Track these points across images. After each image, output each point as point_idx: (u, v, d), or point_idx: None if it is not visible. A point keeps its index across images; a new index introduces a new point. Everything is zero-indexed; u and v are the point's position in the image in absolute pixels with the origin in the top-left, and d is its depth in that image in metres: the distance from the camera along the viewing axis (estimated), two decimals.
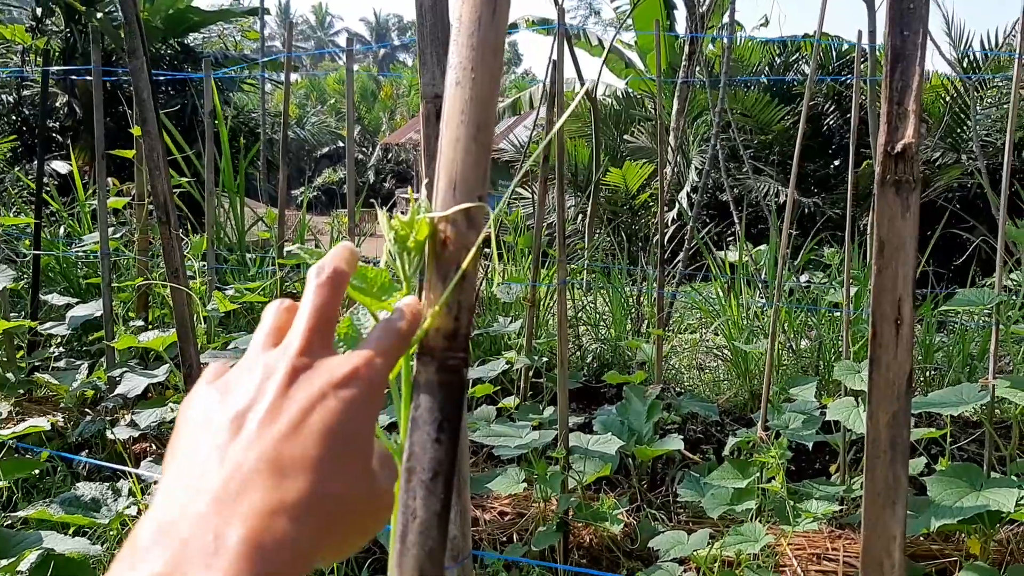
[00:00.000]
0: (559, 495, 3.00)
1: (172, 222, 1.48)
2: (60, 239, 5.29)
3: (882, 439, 1.08)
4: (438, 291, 0.60)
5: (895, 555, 1.10)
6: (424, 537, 0.60)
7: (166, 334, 2.21)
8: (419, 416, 0.60)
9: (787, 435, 2.87)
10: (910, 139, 1.02)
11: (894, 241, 1.04)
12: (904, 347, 1.06)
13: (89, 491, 1.76)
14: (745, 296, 5.15)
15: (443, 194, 0.60)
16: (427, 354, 0.60)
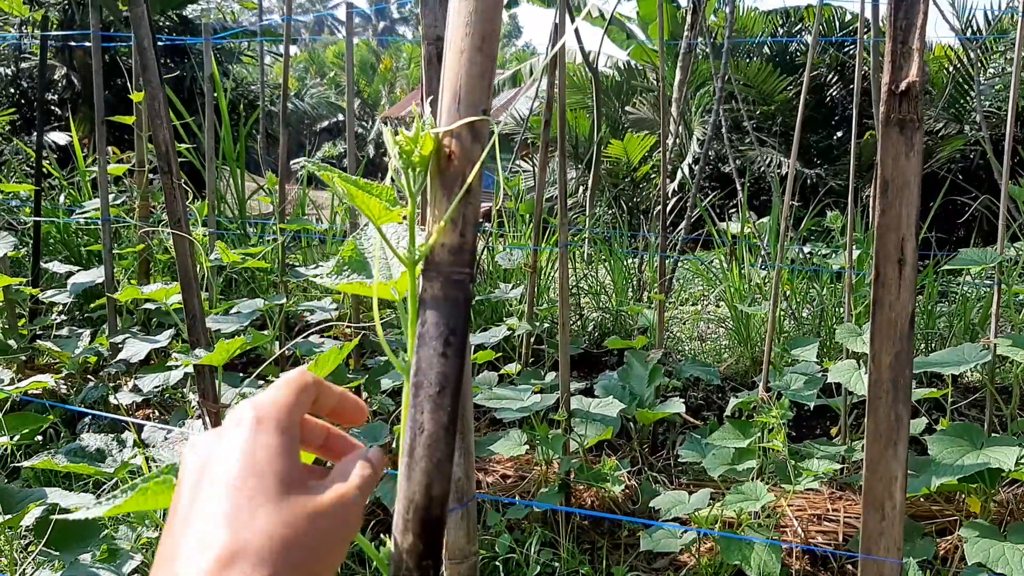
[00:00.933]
0: (561, 457, 3.02)
1: (174, 172, 1.48)
2: (60, 207, 5.28)
3: (884, 380, 1.09)
4: (443, 206, 0.60)
5: (896, 496, 1.10)
6: (432, 450, 0.60)
7: (169, 286, 2.21)
8: (425, 332, 0.60)
9: (788, 396, 2.88)
10: (914, 78, 1.01)
11: (898, 180, 1.04)
12: (907, 287, 1.06)
13: (94, 442, 1.77)
14: (747, 264, 5.15)
15: (447, 108, 0.60)
16: (432, 269, 0.60)
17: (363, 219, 0.72)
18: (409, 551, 0.60)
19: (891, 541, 1.12)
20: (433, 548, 0.60)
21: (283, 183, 3.49)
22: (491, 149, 0.60)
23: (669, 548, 2.70)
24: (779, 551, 2.51)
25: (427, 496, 0.60)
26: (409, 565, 0.60)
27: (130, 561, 1.64)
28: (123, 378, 3.71)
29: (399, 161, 0.59)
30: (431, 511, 0.60)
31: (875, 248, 1.07)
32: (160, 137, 1.46)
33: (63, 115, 10.33)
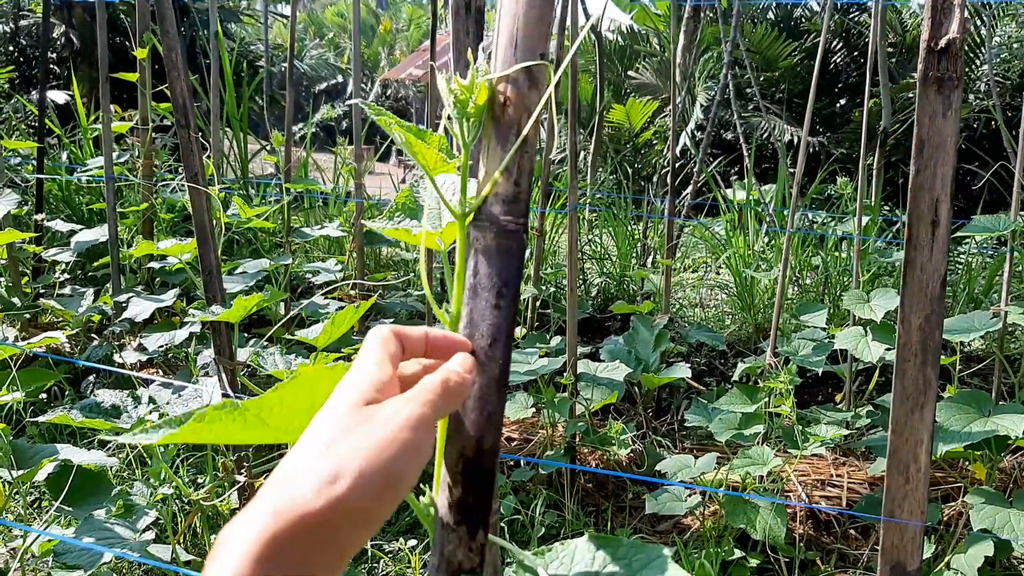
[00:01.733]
0: (567, 420, 3.02)
1: (191, 125, 1.46)
2: (62, 165, 5.24)
3: (913, 342, 1.08)
4: (497, 155, 0.58)
5: (922, 459, 1.10)
6: (483, 403, 0.59)
7: (184, 242, 2.19)
8: (478, 283, 0.59)
9: (797, 361, 2.88)
10: (955, 34, 0.99)
11: (934, 140, 1.03)
12: (940, 249, 1.05)
13: (109, 398, 1.76)
14: (752, 230, 5.13)
15: (503, 52, 0.58)
16: (486, 220, 0.59)
17: (370, 180, 0.70)
18: (457, 503, 0.60)
19: (915, 504, 1.12)
20: (483, 502, 0.60)
21: (289, 143, 3.46)
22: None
23: (674, 511, 2.71)
24: (784, 514, 2.52)
25: (478, 448, 0.59)
26: (457, 518, 0.60)
27: (145, 517, 1.64)
28: (127, 337, 3.70)
29: (454, 110, 0.58)
30: (483, 464, 0.59)
31: (908, 209, 1.06)
32: (177, 90, 1.44)
33: (61, 73, 10.22)
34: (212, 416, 0.62)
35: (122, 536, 1.57)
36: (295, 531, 0.52)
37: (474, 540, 0.60)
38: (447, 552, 0.60)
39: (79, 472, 1.75)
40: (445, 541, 0.60)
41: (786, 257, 3.03)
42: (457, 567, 0.60)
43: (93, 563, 1.49)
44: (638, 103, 10.78)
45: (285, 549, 0.52)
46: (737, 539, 2.72)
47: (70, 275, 4.47)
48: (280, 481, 0.55)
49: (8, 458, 1.71)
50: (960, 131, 4.14)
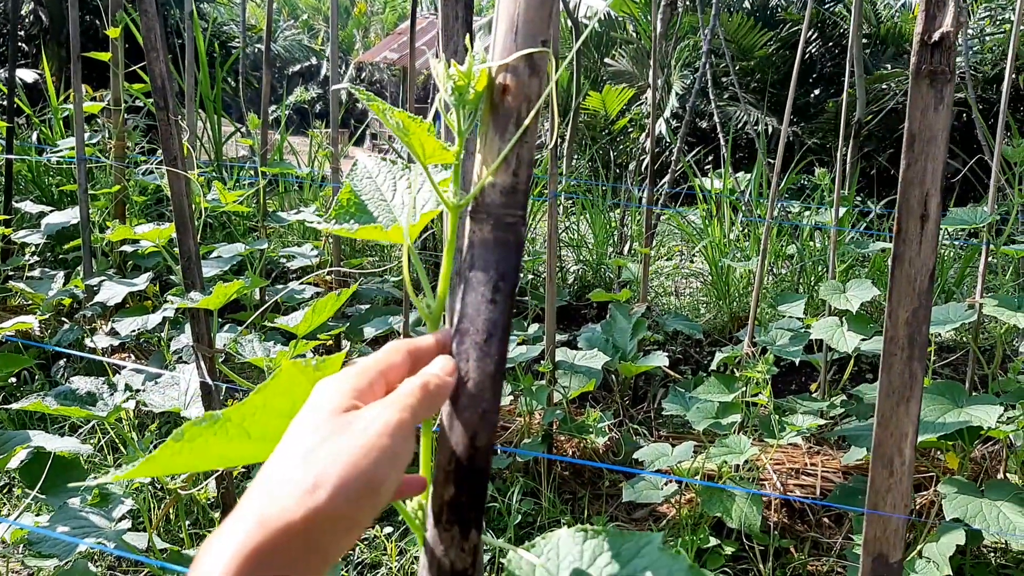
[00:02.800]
0: (544, 408, 3.02)
1: (170, 107, 1.42)
2: (32, 145, 5.14)
3: (900, 336, 1.08)
4: (495, 145, 0.56)
5: (906, 453, 1.10)
6: (477, 400, 0.58)
7: (161, 227, 2.15)
8: (473, 276, 0.57)
9: (774, 351, 2.89)
10: (948, 28, 0.99)
11: (925, 134, 1.02)
12: (928, 243, 1.04)
13: (84, 385, 1.73)
14: (728, 219, 5.14)
15: (502, 39, 0.56)
16: (483, 211, 0.57)
17: (345, 165, 0.69)
18: (449, 503, 0.58)
19: (898, 497, 1.12)
20: (476, 502, 0.58)
21: (265, 126, 3.41)
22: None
23: (650, 499, 2.72)
24: (760, 503, 2.53)
25: (471, 447, 0.58)
26: (449, 518, 0.58)
27: (121, 506, 1.61)
28: (99, 321, 3.65)
29: (451, 98, 0.56)
30: (475, 462, 0.58)
31: (898, 203, 1.06)
32: (156, 71, 1.40)
33: (30, 52, 10.04)
34: (192, 433, 0.60)
35: (97, 525, 1.55)
36: (278, 542, 0.52)
37: (467, 540, 0.58)
38: (439, 553, 0.59)
39: (54, 460, 1.72)
40: (438, 541, 0.59)
41: (764, 247, 3.04)
42: (449, 568, 0.59)
43: (68, 552, 1.46)
44: (614, 90, 10.77)
45: (268, 560, 0.52)
46: (712, 527, 2.73)
47: (40, 258, 4.40)
48: (261, 490, 0.54)
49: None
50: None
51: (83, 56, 3.57)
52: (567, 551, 0.62)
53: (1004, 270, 4.18)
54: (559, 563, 0.61)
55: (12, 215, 4.18)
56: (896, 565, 1.14)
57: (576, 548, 0.62)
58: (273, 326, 1.97)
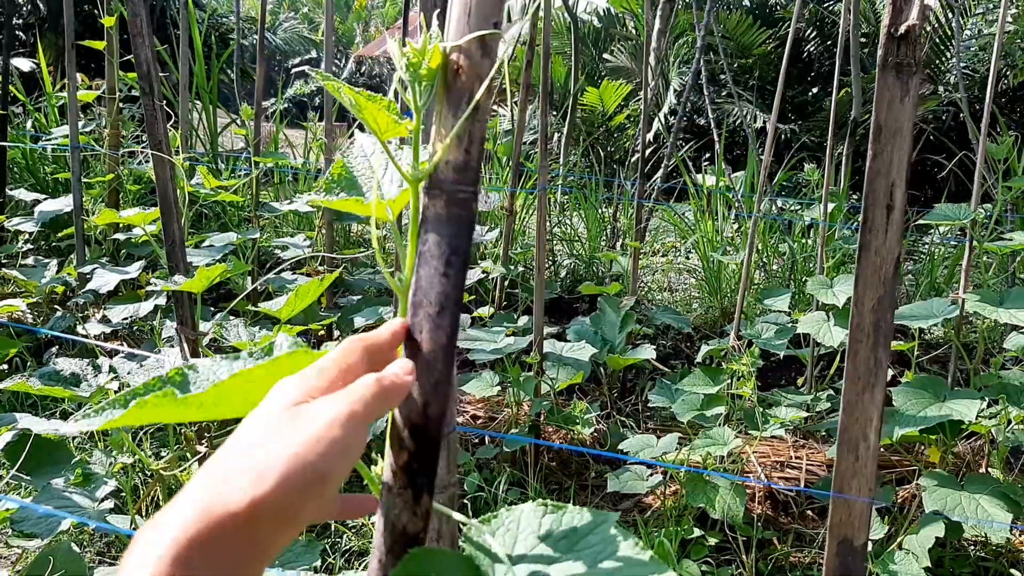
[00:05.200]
0: (532, 399, 3.04)
1: (156, 93, 1.44)
2: (27, 133, 5.15)
3: (866, 323, 1.10)
4: (449, 123, 0.58)
5: (871, 438, 1.12)
6: (430, 369, 0.60)
7: (147, 211, 2.17)
8: (427, 251, 0.59)
9: (759, 344, 2.92)
10: (914, 21, 1.01)
11: (891, 125, 1.04)
12: (894, 232, 1.06)
13: (69, 366, 1.75)
14: (721, 214, 5.17)
15: (456, 21, 0.58)
16: (436, 187, 0.59)
17: (337, 155, 0.70)
18: (403, 468, 0.61)
19: (863, 481, 1.14)
20: (428, 466, 0.61)
21: (259, 116, 3.43)
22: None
23: (635, 490, 2.74)
24: (743, 494, 2.56)
25: (424, 414, 0.60)
26: (402, 481, 0.60)
27: (104, 486, 1.63)
28: (91, 309, 3.67)
29: (406, 74, 0.58)
30: (428, 430, 0.60)
31: (864, 193, 1.08)
32: (142, 56, 1.42)
33: (27, 41, 10.03)
34: (155, 402, 0.61)
35: (80, 505, 1.57)
36: (217, 531, 0.51)
37: (419, 504, 0.61)
38: (392, 516, 0.61)
39: (38, 442, 1.74)
40: (391, 505, 0.61)
41: (751, 241, 3.06)
42: (402, 530, 0.61)
43: (51, 530, 1.48)
44: (611, 86, 10.78)
45: (206, 550, 0.51)
46: (697, 519, 2.75)
47: (34, 245, 4.41)
48: (204, 481, 0.54)
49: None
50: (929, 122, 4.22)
51: (78, 45, 3.58)
52: (526, 524, 0.64)
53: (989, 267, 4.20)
54: (517, 535, 0.64)
55: (6, 203, 4.20)
56: (860, 548, 1.17)
57: (535, 521, 0.64)
58: (259, 311, 1.99)
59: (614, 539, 0.60)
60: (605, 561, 0.58)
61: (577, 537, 0.61)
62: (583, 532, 0.61)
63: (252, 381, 0.60)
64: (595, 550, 0.59)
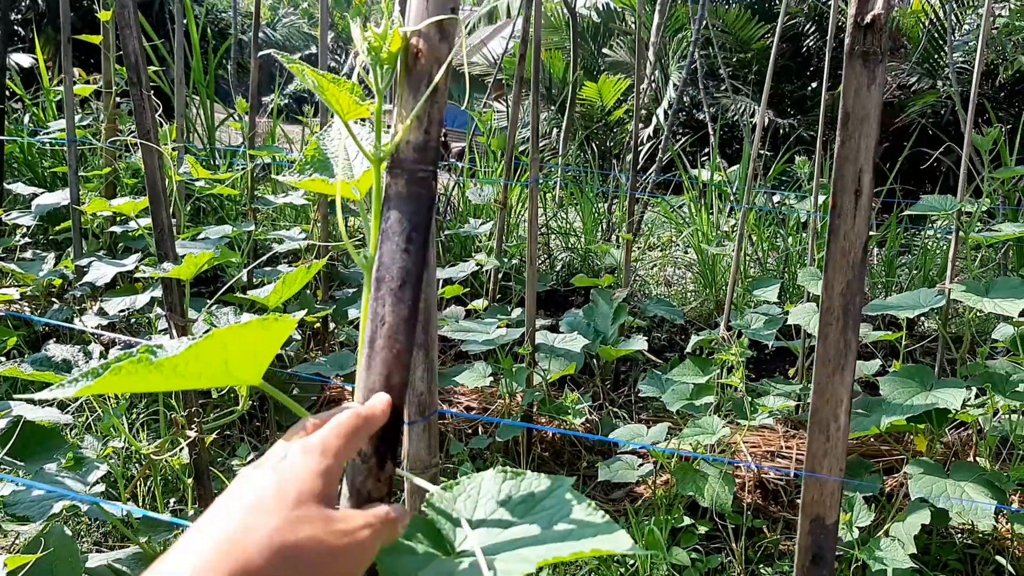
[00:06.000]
0: (524, 390, 3.06)
1: (144, 83, 1.46)
2: (25, 127, 5.18)
3: (835, 307, 1.12)
4: (409, 104, 0.61)
5: (841, 419, 1.15)
6: (392, 341, 0.62)
7: (138, 200, 2.19)
8: (389, 228, 0.62)
9: (748, 334, 2.94)
10: (880, 10, 1.03)
11: (859, 112, 1.06)
12: (862, 217, 1.09)
13: (60, 352, 1.77)
14: (716, 208, 5.19)
15: (416, 7, 0.61)
16: (397, 167, 0.62)
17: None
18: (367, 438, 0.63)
19: (834, 461, 1.17)
20: (391, 435, 0.63)
21: (253, 109, 3.45)
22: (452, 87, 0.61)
23: (626, 478, 2.77)
24: (732, 482, 2.58)
25: (387, 385, 0.63)
26: (366, 451, 0.63)
27: (96, 470, 1.66)
28: (88, 301, 3.70)
29: (367, 57, 0.60)
30: (391, 399, 0.62)
31: (833, 179, 1.10)
32: (130, 47, 1.44)
33: (27, 36, 10.06)
34: (128, 369, 0.64)
35: (72, 489, 1.59)
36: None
37: (383, 471, 0.63)
38: (357, 483, 0.63)
39: (33, 429, 1.77)
40: (356, 472, 0.64)
41: (741, 232, 3.08)
42: (367, 496, 0.63)
43: (44, 513, 1.51)
44: (610, 80, 10.79)
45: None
46: (688, 508, 2.78)
47: (31, 239, 4.44)
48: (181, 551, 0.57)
49: None
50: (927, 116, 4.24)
51: (75, 39, 3.60)
52: (487, 490, 0.67)
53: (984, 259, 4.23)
54: (478, 500, 0.66)
55: (4, 197, 4.22)
56: (832, 526, 1.19)
57: (495, 487, 0.67)
58: (249, 300, 2.01)
59: (569, 503, 0.62)
60: (560, 523, 0.60)
61: (534, 501, 0.63)
62: (540, 497, 0.64)
63: (225, 346, 0.63)
64: (550, 513, 0.62)
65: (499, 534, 0.61)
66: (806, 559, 1.21)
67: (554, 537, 0.58)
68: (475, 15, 15.00)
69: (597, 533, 0.58)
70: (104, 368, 0.64)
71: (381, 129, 0.63)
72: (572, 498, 0.62)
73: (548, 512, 0.62)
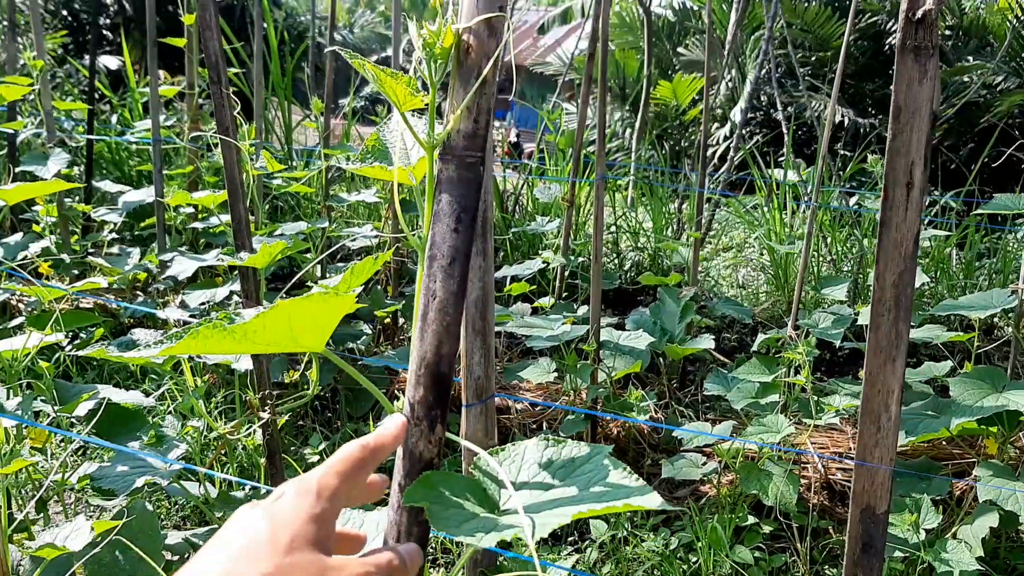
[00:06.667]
0: (588, 386, 3.09)
1: (223, 81, 1.55)
2: (112, 127, 5.41)
3: (887, 298, 1.14)
4: (460, 96, 0.66)
5: (892, 409, 1.16)
6: (442, 314, 0.67)
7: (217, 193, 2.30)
8: (440, 210, 0.67)
9: (816, 333, 2.92)
10: (930, 6, 1.05)
11: (911, 106, 1.08)
12: (913, 209, 1.10)
13: (145, 336, 1.88)
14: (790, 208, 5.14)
15: (467, 5, 0.66)
16: (448, 153, 0.67)
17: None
18: (419, 402, 0.68)
19: (885, 451, 1.18)
20: (441, 400, 0.68)
21: (328, 109, 3.56)
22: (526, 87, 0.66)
23: (690, 476, 2.78)
24: (797, 481, 2.58)
25: (437, 354, 0.68)
26: (419, 414, 0.68)
27: (175, 448, 1.76)
28: (171, 295, 3.85)
29: (423, 52, 0.66)
30: (440, 367, 0.67)
31: (885, 171, 1.12)
32: (211, 48, 1.53)
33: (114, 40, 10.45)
34: (206, 333, 0.70)
35: (153, 466, 1.69)
36: None
37: (433, 433, 0.68)
38: (411, 444, 0.69)
39: (117, 410, 1.87)
40: (409, 435, 0.69)
41: (809, 230, 3.06)
42: (419, 457, 0.68)
43: (127, 486, 1.61)
44: (685, 79, 10.72)
45: None
46: (753, 508, 2.78)
47: (118, 235, 4.64)
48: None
49: (51, 394, 1.84)
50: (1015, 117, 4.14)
51: (161, 43, 3.76)
52: (530, 456, 0.72)
53: None
54: (521, 465, 0.71)
55: (93, 194, 4.42)
56: (882, 516, 1.21)
57: (538, 453, 0.72)
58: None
59: (606, 467, 0.66)
60: (597, 485, 0.64)
61: (574, 466, 0.68)
62: (580, 462, 0.68)
63: (290, 315, 0.69)
64: (589, 476, 0.66)
65: (540, 495, 0.66)
66: (856, 548, 1.23)
67: (590, 497, 0.63)
68: (549, 15, 15.06)
69: (631, 494, 0.62)
70: (185, 332, 0.71)
71: (434, 119, 0.68)
72: (609, 463, 0.67)
73: (587, 476, 0.66)
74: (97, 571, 1.51)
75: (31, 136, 4.62)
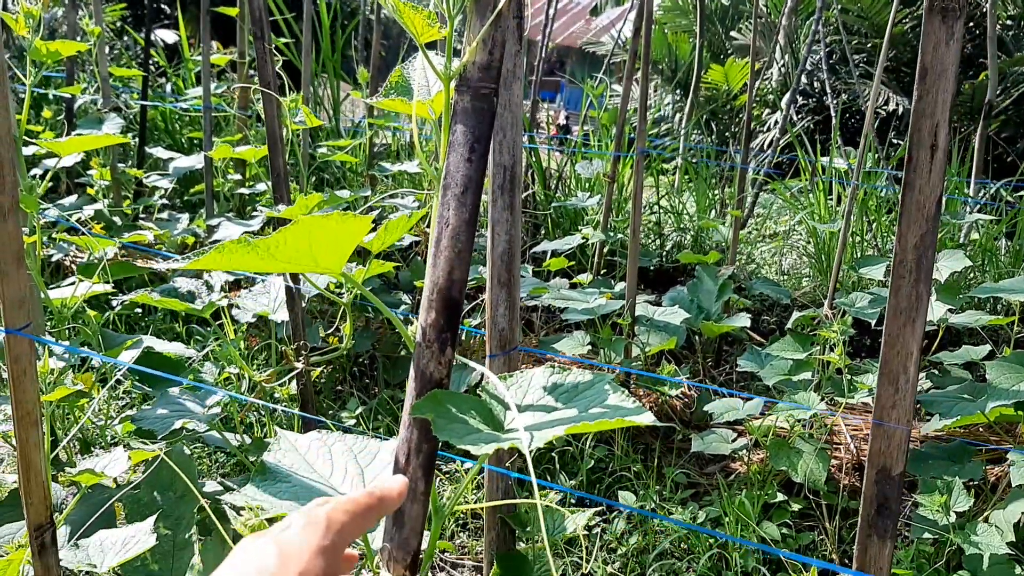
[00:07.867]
0: (622, 360, 3.11)
1: (266, 37, 1.60)
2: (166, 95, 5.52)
3: (908, 260, 1.15)
4: (476, 29, 0.69)
5: (911, 371, 1.17)
6: (454, 241, 0.70)
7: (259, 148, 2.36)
8: (455, 140, 0.70)
9: (852, 313, 2.91)
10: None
11: (937, 68, 1.08)
12: (937, 171, 1.11)
13: (185, 284, 1.95)
14: (836, 191, 5.09)
15: None
16: (464, 84, 0.70)
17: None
18: (431, 325, 0.71)
19: (902, 413, 1.19)
20: (451, 324, 0.71)
21: (374, 79, 3.60)
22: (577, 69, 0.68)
23: (719, 451, 2.78)
24: (827, 459, 2.57)
25: (449, 279, 0.71)
26: (430, 336, 0.71)
27: (213, 395, 1.82)
28: None
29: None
30: (451, 292, 0.71)
31: (909, 133, 1.12)
32: (254, 4, 1.58)
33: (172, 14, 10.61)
34: (231, 248, 0.74)
35: (192, 410, 1.76)
36: None
37: (443, 355, 0.72)
38: (422, 365, 0.72)
39: (159, 358, 1.94)
40: (420, 356, 0.72)
41: (849, 208, 3.04)
42: (429, 377, 0.72)
43: (166, 427, 1.67)
44: (737, 64, 10.59)
45: None
46: (783, 486, 2.78)
47: (168, 201, 4.75)
48: None
49: (96, 339, 1.91)
50: None
51: (213, 11, 3.84)
52: (536, 382, 0.75)
53: None
54: (527, 390, 0.74)
55: (146, 159, 4.52)
56: (897, 478, 1.22)
57: (544, 379, 0.75)
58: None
59: (606, 392, 0.69)
60: (595, 407, 0.67)
61: (577, 392, 0.71)
62: (582, 388, 0.71)
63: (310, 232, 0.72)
64: (589, 400, 0.69)
65: (543, 416, 0.69)
66: (871, 509, 1.24)
67: (588, 417, 0.66)
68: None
69: (627, 414, 0.65)
70: (211, 247, 0.75)
71: (451, 53, 0.71)
72: (610, 388, 0.69)
73: (588, 399, 0.69)
74: (135, 510, 1.57)
75: (88, 103, 4.74)
